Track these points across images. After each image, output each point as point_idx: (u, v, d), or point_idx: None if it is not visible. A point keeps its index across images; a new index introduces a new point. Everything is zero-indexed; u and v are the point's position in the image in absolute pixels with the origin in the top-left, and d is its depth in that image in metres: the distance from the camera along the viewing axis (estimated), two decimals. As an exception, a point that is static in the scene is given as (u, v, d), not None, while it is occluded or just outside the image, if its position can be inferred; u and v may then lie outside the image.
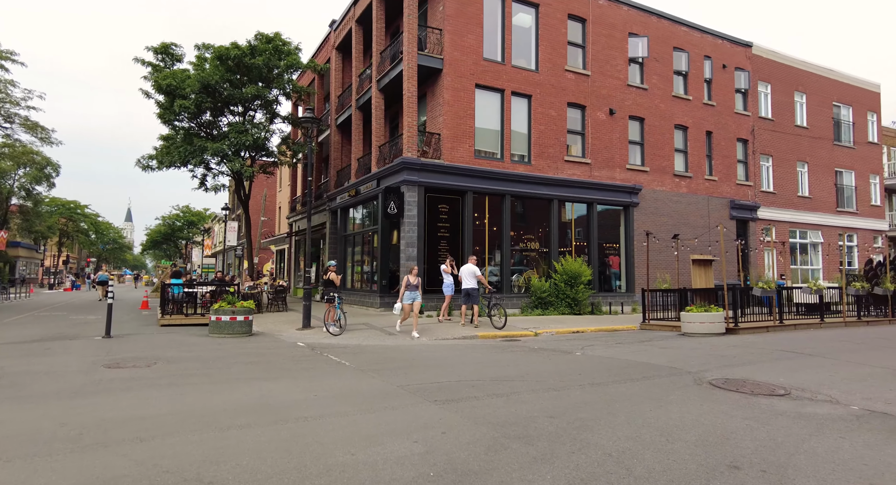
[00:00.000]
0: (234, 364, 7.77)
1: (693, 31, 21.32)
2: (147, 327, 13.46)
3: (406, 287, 11.59)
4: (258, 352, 9.16)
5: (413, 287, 11.57)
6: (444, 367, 7.56)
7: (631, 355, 8.72)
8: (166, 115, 18.40)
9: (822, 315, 13.59)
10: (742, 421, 4.68)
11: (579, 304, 16.42)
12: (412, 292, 11.58)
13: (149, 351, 9.11)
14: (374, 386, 6.17)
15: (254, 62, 17.68)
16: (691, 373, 7.01)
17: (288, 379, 6.63)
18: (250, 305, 12.03)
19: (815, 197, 24.68)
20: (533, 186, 16.95)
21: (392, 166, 15.42)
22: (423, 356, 8.67)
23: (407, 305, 11.57)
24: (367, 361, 8.10)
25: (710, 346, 9.90)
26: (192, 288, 15.26)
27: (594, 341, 11.01)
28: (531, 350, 9.55)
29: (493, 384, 6.19)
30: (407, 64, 15.36)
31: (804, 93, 24.79)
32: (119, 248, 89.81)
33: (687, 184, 20.50)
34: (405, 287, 11.62)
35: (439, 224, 15.75)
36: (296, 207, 28.31)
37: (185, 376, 6.81)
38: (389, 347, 9.95)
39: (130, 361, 7.93)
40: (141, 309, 19.86)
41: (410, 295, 11.56)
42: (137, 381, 6.43)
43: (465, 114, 15.98)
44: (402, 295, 11.62)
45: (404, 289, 11.62)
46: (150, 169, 19.81)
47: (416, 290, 11.62)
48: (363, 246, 19.27)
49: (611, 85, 18.87)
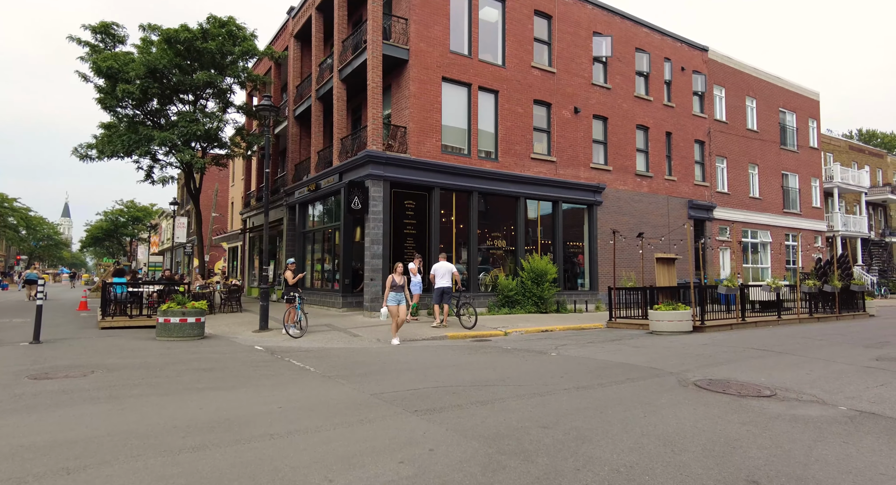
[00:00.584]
0: (186, 371, 7.02)
1: (654, 33, 21.66)
2: (85, 331, 12.29)
3: (391, 287, 10.29)
4: (212, 357, 8.40)
5: (399, 287, 10.32)
6: (418, 371, 7.09)
7: (607, 355, 8.52)
8: (107, 101, 16.95)
9: (779, 312, 13.98)
10: (740, 427, 4.46)
11: (545, 302, 16.31)
12: (398, 293, 10.33)
13: (86, 358, 8.18)
14: (346, 395, 5.63)
15: (206, 47, 16.54)
16: (673, 373, 6.85)
17: (247, 388, 5.99)
18: (202, 306, 11.15)
19: (765, 198, 25.68)
20: (500, 184, 16.69)
21: (356, 159, 14.77)
22: (394, 360, 8.17)
23: (393, 307, 10.28)
24: (334, 366, 7.53)
25: (681, 344, 9.87)
26: (138, 287, 14.11)
27: (565, 340, 10.81)
28: (505, 351, 9.22)
29: (474, 390, 5.78)
30: (371, 53, 14.74)
31: (754, 98, 25.73)
32: (54, 245, 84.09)
33: (648, 184, 20.81)
34: (390, 287, 10.33)
35: (406, 221, 15.22)
36: (250, 203, 27.05)
37: (127, 386, 6.05)
38: (356, 351, 9.38)
39: (62, 371, 7.04)
40: (79, 310, 18.32)
41: (396, 296, 10.31)
42: (69, 394, 5.63)
43: (431, 107, 15.51)
44: (387, 296, 10.33)
45: (389, 289, 10.33)
46: (89, 159, 18.27)
47: (401, 290, 10.39)
48: (324, 243, 18.49)
49: (576, 83, 18.87)
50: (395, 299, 10.33)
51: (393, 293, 10.29)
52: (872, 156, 40.15)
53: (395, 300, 10.32)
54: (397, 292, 10.31)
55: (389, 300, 10.29)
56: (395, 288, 10.32)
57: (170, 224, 53.98)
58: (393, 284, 10.32)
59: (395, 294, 10.30)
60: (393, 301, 10.30)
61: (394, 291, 10.29)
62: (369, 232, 14.45)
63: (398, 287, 10.35)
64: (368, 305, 14.30)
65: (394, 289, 10.31)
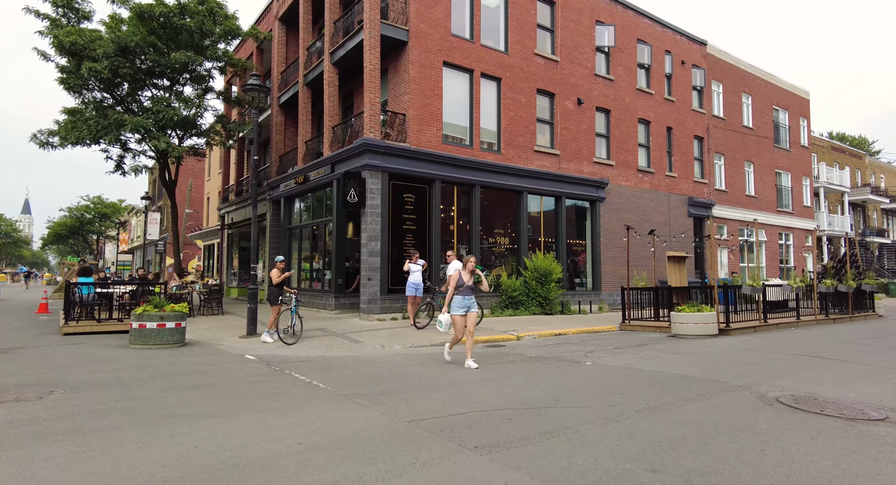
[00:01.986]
0: (169, 391, 5.81)
1: (655, 25, 21.01)
2: (45, 337, 10.83)
3: (457, 288, 7.47)
4: (199, 370, 7.17)
5: (468, 289, 7.51)
6: (449, 388, 6.04)
7: (649, 364, 7.62)
8: (71, 81, 15.31)
9: (798, 313, 13.37)
10: (890, 466, 3.55)
11: (550, 303, 15.42)
12: (466, 297, 7.50)
13: (44, 373, 6.86)
14: (377, 423, 4.55)
15: (184, 23, 15.07)
16: (742, 387, 5.96)
17: (251, 414, 4.84)
18: (183, 309, 9.86)
19: (760, 197, 25.39)
20: (502, 177, 15.71)
21: (351, 148, 13.59)
22: (412, 372, 7.09)
23: (458, 317, 7.43)
24: (346, 381, 6.42)
25: (718, 350, 9.06)
26: (107, 288, 12.64)
27: (588, 346, 9.90)
28: (531, 359, 8.24)
29: (531, 416, 4.76)
30: (369, 32, 13.57)
31: (750, 95, 25.40)
32: (13, 243, 79.84)
33: (650, 180, 20.14)
34: (454, 288, 7.48)
35: (405, 215, 14.10)
36: (228, 198, 25.46)
37: (96, 413, 4.83)
38: (363, 360, 8.27)
39: (12, 391, 5.76)
40: (38, 313, 16.62)
41: (464, 301, 7.48)
42: (17, 428, 4.39)
43: (432, 94, 14.43)
44: (450, 298, 7.50)
45: (452, 290, 7.47)
46: (50, 146, 16.57)
47: (471, 293, 7.57)
48: (313, 240, 17.21)
49: (579, 73, 18.03)
50: (463, 305, 7.46)
51: (459, 297, 7.47)
52: (852, 157, 40.67)
53: (463, 307, 7.46)
54: (465, 296, 7.48)
55: (454, 306, 7.50)
56: (464, 290, 7.48)
57: (139, 221, 51.45)
58: (460, 284, 7.49)
59: (463, 298, 7.47)
60: (460, 308, 7.46)
61: (461, 294, 7.47)
62: (366, 227, 13.29)
63: (467, 289, 7.50)
64: (366, 307, 13.15)
65: (461, 291, 7.48)
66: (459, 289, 7.51)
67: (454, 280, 7.53)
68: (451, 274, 11.54)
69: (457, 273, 7.55)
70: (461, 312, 7.49)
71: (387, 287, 13.48)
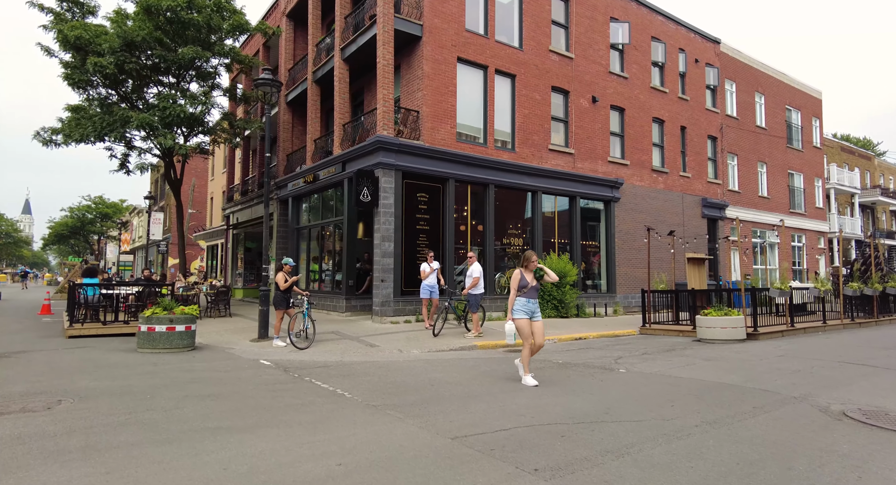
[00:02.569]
0: (185, 400, 5.42)
1: (669, 22, 20.65)
2: (49, 340, 10.44)
3: (520, 289, 6.43)
4: (213, 377, 6.79)
5: (532, 290, 6.47)
6: (485, 398, 5.65)
7: (685, 372, 7.23)
8: (76, 77, 14.92)
9: (824, 317, 12.98)
10: None
11: (566, 306, 15.04)
12: (530, 300, 6.46)
13: (50, 379, 6.47)
14: (418, 439, 4.16)
15: (192, 18, 14.68)
16: (797, 398, 5.57)
17: (277, 428, 4.45)
18: (193, 312, 9.47)
19: (773, 198, 25.00)
20: (517, 176, 15.33)
21: (364, 146, 13.21)
22: (439, 381, 6.71)
23: (523, 322, 6.37)
24: (372, 390, 6.03)
25: (753, 356, 8.67)
26: (112, 289, 12.25)
27: (613, 351, 9.51)
28: (561, 366, 7.86)
29: (584, 431, 4.37)
30: (382, 27, 13.20)
31: (763, 94, 25.02)
32: (13, 243, 79.45)
33: (664, 180, 19.76)
34: (517, 289, 6.40)
35: (418, 215, 13.71)
36: (233, 197, 25.07)
37: (110, 427, 4.44)
38: (382, 366, 7.88)
39: (17, 401, 5.37)
40: (41, 315, 16.24)
41: (528, 305, 6.44)
42: (25, 444, 4.01)
43: (446, 90, 14.05)
44: (513, 302, 6.43)
45: (515, 291, 6.42)
46: (54, 144, 16.16)
47: (535, 296, 6.52)
48: (321, 241, 16.83)
49: (594, 71, 17.66)
50: (527, 310, 6.42)
51: (523, 300, 6.41)
52: (861, 158, 40.28)
53: (527, 311, 6.42)
54: (530, 298, 6.45)
55: (517, 310, 6.40)
56: (528, 291, 6.43)
57: (141, 221, 51.08)
58: (523, 285, 6.41)
59: (528, 301, 6.43)
60: (524, 312, 6.40)
61: (525, 296, 6.42)
62: (379, 227, 12.91)
63: (532, 291, 6.45)
64: (379, 309, 12.76)
65: (526, 292, 6.42)
66: (523, 290, 6.41)
67: (516, 281, 6.42)
68: (475, 276, 11.17)
69: (517, 274, 6.46)
70: (525, 317, 6.39)
71: (400, 289, 13.10)
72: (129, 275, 48.73)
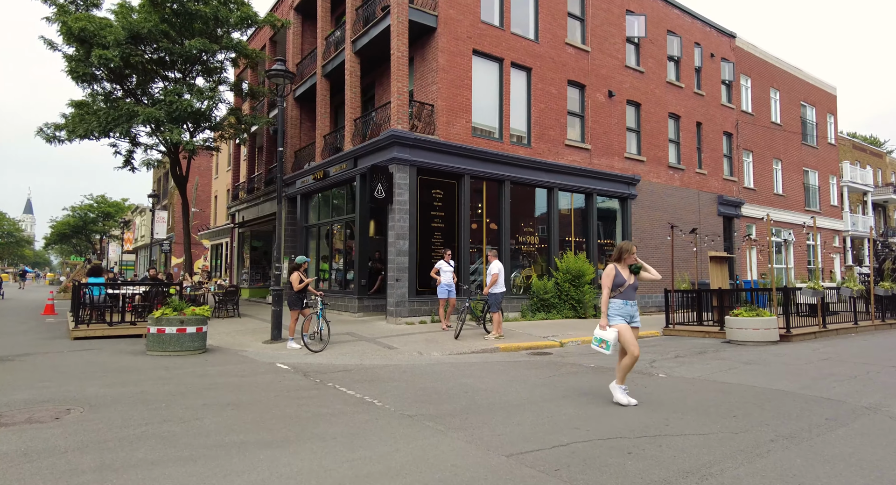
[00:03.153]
0: (204, 410, 5.00)
1: (684, 16, 20.20)
2: (54, 342, 10.03)
3: (615, 287, 5.36)
4: (230, 382, 6.37)
5: (631, 289, 5.41)
6: (525, 408, 5.22)
7: (730, 377, 6.80)
8: (80, 70, 14.50)
9: (855, 318, 12.54)
10: None
11: (583, 306, 14.62)
12: (629, 302, 5.39)
13: (57, 385, 6.06)
14: (469, 457, 3.73)
15: (199, 9, 14.26)
16: (869, 408, 5.14)
17: (310, 442, 4.03)
18: (205, 313, 9.06)
19: (788, 195, 24.54)
20: (533, 172, 14.90)
21: (378, 141, 12.79)
22: (471, 387, 6.28)
23: (623, 326, 5.28)
24: (403, 397, 5.61)
25: (793, 359, 8.24)
26: (117, 289, 11.85)
27: (644, 353, 9.08)
28: (594, 371, 7.44)
29: (650, 446, 3.95)
30: (396, 17, 12.77)
31: (777, 90, 24.56)
32: (15, 242, 79.10)
33: (680, 177, 19.31)
34: (609, 287, 5.36)
35: (433, 213, 13.29)
36: (239, 195, 24.68)
37: (125, 441, 4.02)
38: (406, 370, 7.46)
39: (23, 409, 4.96)
40: (44, 315, 15.85)
41: (625, 307, 5.36)
42: (34, 463, 3.59)
43: (461, 83, 13.62)
44: (606, 304, 5.37)
45: (608, 292, 5.36)
46: (57, 141, 15.77)
47: (634, 296, 5.47)
48: (331, 239, 16.42)
49: (610, 64, 17.21)
50: (625, 313, 5.35)
51: (620, 302, 5.35)
52: (873, 156, 39.78)
53: (625, 314, 5.35)
54: (628, 299, 5.38)
55: (614, 314, 5.34)
56: (626, 291, 5.37)
57: (143, 220, 50.68)
58: (619, 283, 5.34)
59: (625, 303, 5.35)
60: (621, 316, 5.34)
61: (622, 298, 5.36)
62: (394, 225, 12.48)
63: (630, 290, 5.39)
64: (393, 310, 12.34)
65: (623, 292, 5.36)
66: (619, 290, 5.34)
67: (610, 279, 5.32)
68: (494, 272, 10.70)
69: (611, 270, 5.37)
70: (623, 322, 5.29)
71: (415, 289, 12.68)
72: (133, 274, 48.36)
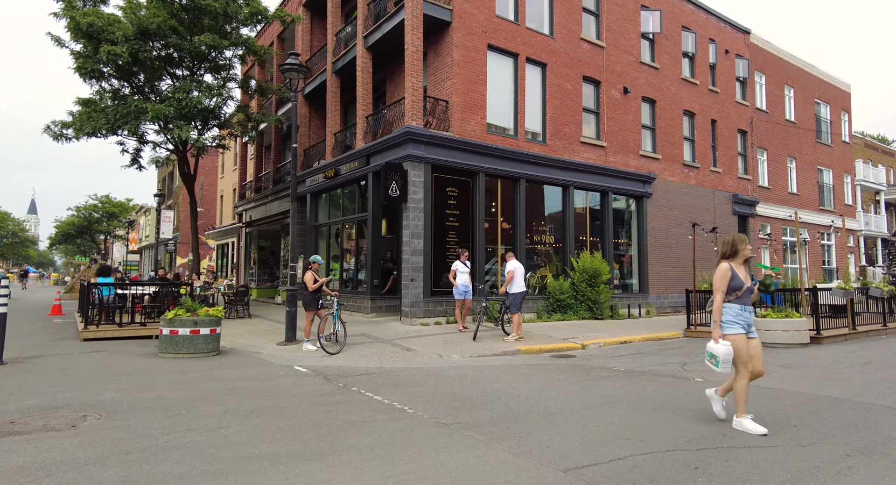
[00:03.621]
0: (227, 417, 4.73)
1: (699, 11, 19.86)
2: (63, 343, 9.78)
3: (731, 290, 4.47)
4: (250, 387, 6.09)
5: (748, 294, 4.50)
6: (567, 416, 4.93)
7: (773, 382, 6.49)
8: (88, 66, 14.26)
9: (885, 319, 12.20)
10: None
11: (600, 306, 14.31)
12: (746, 308, 4.49)
13: (71, 389, 5.80)
14: (522, 473, 3.45)
15: (209, 4, 14.00)
16: (930, 415, 4.83)
17: (347, 454, 3.75)
18: (218, 313, 8.79)
19: (802, 194, 24.18)
20: (548, 170, 14.60)
21: (392, 138, 12.51)
22: (503, 392, 6.00)
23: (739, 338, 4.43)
24: (432, 404, 5.32)
25: (834, 362, 7.93)
26: (126, 289, 11.59)
27: (669, 356, 8.79)
28: (626, 375, 7.14)
29: (716, 461, 3.65)
30: (411, 11, 12.49)
31: (792, 87, 24.19)
32: (20, 242, 79.13)
33: (695, 175, 18.98)
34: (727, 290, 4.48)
35: (447, 211, 13.01)
36: (246, 194, 24.45)
37: (150, 452, 3.75)
38: (429, 374, 7.18)
39: (38, 416, 4.70)
40: (51, 315, 15.61)
41: (743, 313, 4.47)
42: (53, 477, 3.32)
43: (476, 79, 13.33)
44: (720, 310, 4.49)
45: (723, 296, 4.49)
46: (65, 139, 15.55)
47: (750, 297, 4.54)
48: (341, 238, 16.15)
49: (625, 60, 16.90)
50: (743, 321, 4.43)
51: (737, 306, 4.44)
52: (885, 154, 39.30)
53: (743, 323, 4.43)
54: (746, 305, 4.47)
55: (729, 322, 4.44)
56: (744, 295, 4.45)
57: (148, 220, 50.53)
58: (737, 286, 4.44)
59: (742, 309, 4.44)
60: (738, 324, 4.42)
61: (738, 302, 4.45)
62: (408, 224, 12.20)
63: (747, 293, 4.46)
64: (408, 311, 12.06)
65: (741, 297, 4.45)
66: (736, 294, 4.43)
67: (725, 280, 4.41)
68: (510, 270, 10.39)
69: (725, 269, 4.45)
70: (740, 331, 4.39)
71: (430, 289, 12.40)
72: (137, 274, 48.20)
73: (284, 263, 21.05)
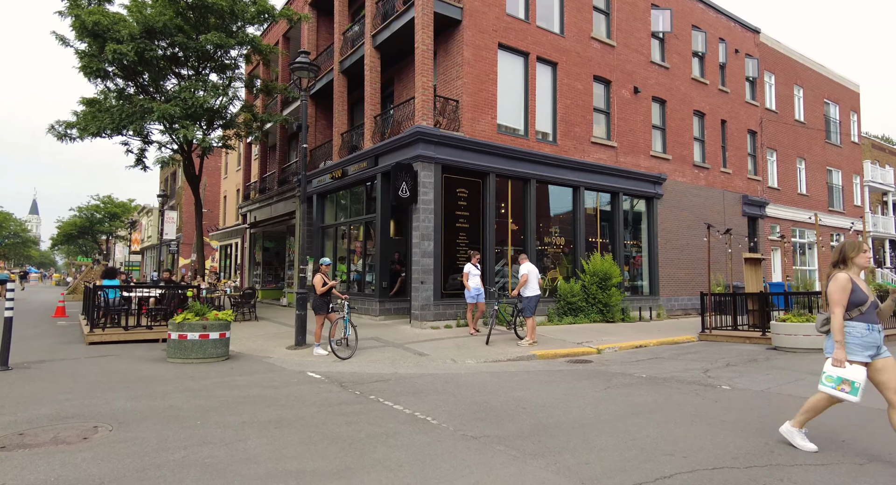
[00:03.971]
0: (245, 429, 4.52)
1: (709, 10, 19.65)
2: (69, 347, 9.58)
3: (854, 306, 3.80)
4: (266, 395, 5.88)
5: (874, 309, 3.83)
6: (600, 428, 4.72)
7: (806, 389, 6.27)
8: (93, 66, 14.08)
9: (905, 323, 11.95)
10: None
11: (611, 309, 14.10)
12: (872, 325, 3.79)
13: (80, 397, 5.60)
14: (564, 492, 3.24)
15: (215, 2, 13.80)
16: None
17: (376, 471, 3.54)
18: (227, 317, 8.59)
19: (812, 195, 23.95)
20: (559, 171, 14.39)
21: (402, 138, 12.31)
22: (526, 401, 5.79)
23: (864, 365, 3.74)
24: (456, 414, 5.11)
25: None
26: (131, 291, 11.39)
27: (689, 361, 8.58)
28: (650, 382, 6.92)
29: (770, 481, 3.44)
30: (421, 10, 12.29)
31: (801, 87, 23.97)
32: (22, 243, 79.09)
33: (705, 176, 18.76)
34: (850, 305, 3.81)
35: (457, 212, 12.80)
36: (250, 195, 24.27)
37: (167, 469, 3.54)
38: (447, 380, 6.97)
39: (48, 427, 4.49)
40: (55, 317, 15.43)
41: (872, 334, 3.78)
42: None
43: (487, 78, 13.13)
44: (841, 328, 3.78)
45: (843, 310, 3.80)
46: (69, 138, 15.36)
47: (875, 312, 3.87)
48: (349, 240, 15.95)
49: (635, 60, 16.69)
50: (871, 343, 3.75)
51: (863, 326, 3.77)
52: (892, 155, 39.04)
53: (872, 345, 3.75)
54: (871, 322, 3.79)
55: (855, 345, 3.78)
56: (869, 310, 3.81)
57: (151, 221, 50.38)
58: (859, 299, 3.80)
59: (869, 329, 3.77)
60: (865, 346, 3.75)
61: (864, 320, 3.78)
62: (418, 225, 12.00)
63: (871, 308, 3.83)
64: (418, 314, 11.86)
65: (864, 314, 3.80)
66: (859, 310, 3.78)
67: (845, 293, 3.77)
68: (523, 272, 10.18)
69: (845, 280, 3.78)
70: (868, 358, 3.74)
71: (440, 292, 12.19)
72: (140, 275, 48.02)
73: (289, 264, 20.87)
